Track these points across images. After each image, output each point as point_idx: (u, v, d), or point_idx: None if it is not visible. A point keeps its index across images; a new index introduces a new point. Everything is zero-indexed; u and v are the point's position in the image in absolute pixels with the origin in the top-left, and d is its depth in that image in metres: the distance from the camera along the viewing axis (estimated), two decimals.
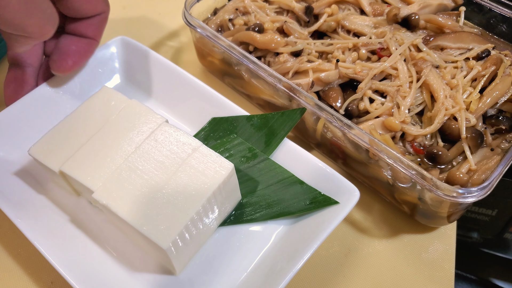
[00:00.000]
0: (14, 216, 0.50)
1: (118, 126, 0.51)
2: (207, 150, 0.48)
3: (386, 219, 0.57)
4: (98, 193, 0.46)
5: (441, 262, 0.54)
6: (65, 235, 0.51)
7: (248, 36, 0.61)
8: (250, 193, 0.53)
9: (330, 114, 0.52)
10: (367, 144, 0.50)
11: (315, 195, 0.51)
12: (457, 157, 0.53)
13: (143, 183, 0.46)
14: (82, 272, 0.48)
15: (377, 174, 0.54)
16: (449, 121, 0.53)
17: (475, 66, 0.57)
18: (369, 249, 0.55)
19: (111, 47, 0.64)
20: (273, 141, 0.55)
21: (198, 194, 0.46)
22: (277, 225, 0.52)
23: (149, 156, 0.48)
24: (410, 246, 0.55)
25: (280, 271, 0.46)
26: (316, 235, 0.47)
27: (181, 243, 0.45)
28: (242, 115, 0.57)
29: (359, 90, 0.55)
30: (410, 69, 0.56)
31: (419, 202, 0.52)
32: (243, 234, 0.52)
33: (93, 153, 0.49)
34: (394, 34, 0.60)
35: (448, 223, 0.55)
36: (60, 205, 0.54)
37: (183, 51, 0.76)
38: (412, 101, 0.55)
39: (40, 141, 0.51)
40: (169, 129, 0.50)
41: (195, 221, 0.46)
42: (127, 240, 0.51)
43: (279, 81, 0.56)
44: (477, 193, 0.46)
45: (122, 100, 0.53)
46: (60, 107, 0.60)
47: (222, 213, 0.51)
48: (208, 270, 0.50)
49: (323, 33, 0.65)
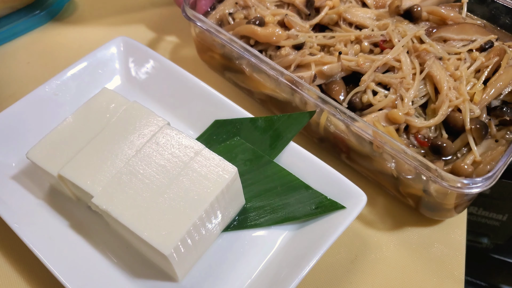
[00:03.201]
0: (12, 221, 0.50)
1: (118, 129, 0.51)
2: (210, 153, 0.48)
3: (390, 213, 0.58)
4: (98, 198, 0.46)
5: (449, 259, 0.54)
6: (64, 241, 0.51)
7: (249, 29, 0.62)
8: (254, 198, 0.53)
9: (334, 107, 0.53)
10: (371, 137, 0.51)
11: (321, 199, 0.52)
12: (461, 149, 0.54)
13: (144, 188, 0.46)
14: (81, 278, 0.48)
15: (381, 167, 0.55)
16: (453, 112, 0.54)
17: (479, 57, 0.58)
18: (376, 254, 0.55)
19: (111, 47, 0.64)
20: (278, 144, 0.56)
21: (200, 198, 0.46)
22: (282, 230, 0.52)
23: (151, 160, 0.48)
24: (416, 241, 0.56)
25: (285, 278, 0.46)
26: (322, 241, 0.47)
27: (183, 249, 0.45)
28: (246, 117, 0.57)
29: (362, 83, 0.57)
30: (413, 61, 0.57)
31: (424, 195, 0.53)
32: (247, 240, 0.52)
33: (92, 157, 0.49)
34: (396, 26, 0.61)
35: (454, 215, 0.56)
36: (59, 210, 0.54)
37: (182, 47, 0.77)
38: (416, 93, 0.56)
39: (38, 144, 0.51)
40: (171, 131, 0.50)
41: (197, 227, 0.46)
42: (128, 246, 0.51)
43: (281, 74, 0.57)
44: (482, 183, 0.47)
45: (123, 102, 0.53)
46: (59, 109, 0.60)
47: (226, 218, 0.51)
48: (211, 276, 0.50)
49: (325, 26, 0.66)
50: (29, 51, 0.77)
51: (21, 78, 0.73)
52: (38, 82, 0.70)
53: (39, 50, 0.77)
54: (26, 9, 0.80)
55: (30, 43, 0.78)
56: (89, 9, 0.84)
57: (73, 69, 0.62)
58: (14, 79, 0.73)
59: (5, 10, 0.78)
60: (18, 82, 0.72)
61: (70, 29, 0.80)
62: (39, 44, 0.78)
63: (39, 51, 0.77)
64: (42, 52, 0.76)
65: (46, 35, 0.79)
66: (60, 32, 0.79)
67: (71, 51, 0.76)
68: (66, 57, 0.75)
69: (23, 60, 0.75)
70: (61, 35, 0.79)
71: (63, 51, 0.76)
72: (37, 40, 0.78)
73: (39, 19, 0.80)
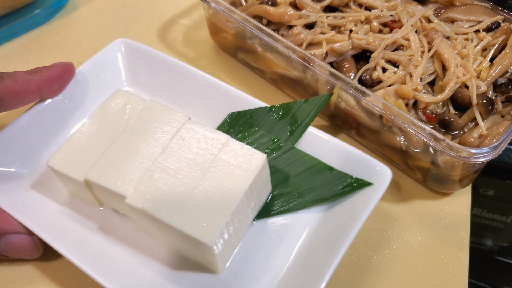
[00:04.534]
0: (40, 231, 0.49)
1: (139, 129, 0.51)
2: (237, 143, 0.49)
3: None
4: (132, 198, 0.46)
5: (452, 261, 0.55)
6: (95, 246, 0.51)
7: (261, 9, 0.64)
8: (280, 184, 0.54)
9: (345, 83, 0.56)
10: (381, 110, 0.54)
11: (346, 179, 0.53)
12: (468, 124, 0.57)
13: (178, 183, 0.47)
14: (123, 282, 0.48)
15: (391, 141, 0.58)
16: (460, 89, 0.57)
17: (485, 37, 0.60)
18: (379, 256, 0.55)
19: (111, 50, 0.64)
20: (297, 130, 0.57)
21: (235, 187, 0.46)
22: (311, 213, 0.53)
23: (179, 155, 0.49)
24: (419, 243, 0.56)
25: (325, 257, 0.46)
26: (355, 218, 0.48)
27: (223, 239, 0.46)
28: (262, 107, 0.58)
29: (372, 60, 0.59)
30: (422, 39, 0.60)
31: (432, 167, 0.55)
32: (278, 226, 0.52)
33: (118, 159, 0.49)
34: (405, 7, 0.64)
35: (461, 188, 0.58)
36: (82, 217, 0.54)
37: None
38: (424, 70, 0.58)
39: (58, 152, 0.50)
40: (194, 126, 0.51)
41: (234, 216, 0.46)
42: (161, 245, 0.51)
43: (294, 52, 0.59)
44: (489, 152, 0.49)
45: (139, 101, 0.53)
46: (67, 116, 0.60)
47: (257, 206, 0.52)
48: (249, 265, 0.50)
49: (335, 8, 0.68)
50: (28, 51, 0.77)
51: None
52: None
53: (38, 50, 0.77)
54: (25, 9, 0.79)
55: (29, 43, 0.78)
56: (89, 9, 0.84)
57: (76, 75, 0.61)
58: None
59: (4, 10, 0.77)
60: None
61: (70, 29, 0.80)
62: (38, 44, 0.78)
63: (38, 51, 0.77)
64: (41, 52, 0.77)
65: (45, 35, 0.79)
66: (60, 32, 0.80)
67: (71, 51, 0.77)
68: (65, 57, 0.74)
69: (22, 60, 0.75)
70: (60, 35, 0.79)
71: (62, 51, 0.77)
72: (36, 40, 0.78)
73: (38, 18, 0.79)
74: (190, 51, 0.76)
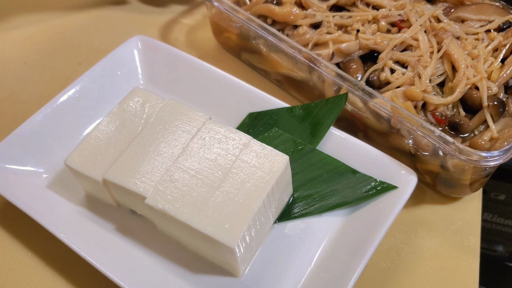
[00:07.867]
0: (58, 232, 0.49)
1: (159, 128, 0.51)
2: (258, 144, 0.49)
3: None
4: (152, 198, 0.46)
5: (462, 267, 0.55)
6: (113, 247, 0.51)
7: (266, 8, 0.64)
8: (301, 187, 0.54)
9: (352, 84, 0.56)
10: (389, 112, 0.54)
11: (370, 182, 0.52)
12: (479, 127, 0.57)
13: (199, 183, 0.47)
14: (140, 283, 0.48)
15: (399, 145, 0.58)
16: (471, 90, 0.57)
17: (496, 37, 0.60)
18: (387, 263, 0.55)
19: (128, 47, 0.64)
20: (319, 131, 0.57)
21: (258, 189, 0.46)
22: (333, 216, 0.53)
23: (200, 156, 0.49)
24: (429, 248, 0.55)
25: (349, 263, 0.46)
26: (379, 222, 0.48)
27: (245, 241, 0.46)
28: (282, 107, 0.58)
29: (380, 60, 0.59)
30: (431, 39, 0.60)
31: (442, 171, 0.55)
32: (299, 229, 0.52)
33: (137, 158, 0.49)
34: (414, 6, 0.64)
35: (471, 192, 0.58)
36: (99, 217, 0.54)
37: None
38: (433, 71, 0.58)
39: (75, 151, 0.51)
40: (215, 126, 0.51)
41: (256, 218, 0.46)
42: (180, 247, 0.51)
43: (299, 52, 0.59)
44: (499, 155, 0.49)
45: (158, 100, 0.53)
46: (82, 114, 0.60)
47: (278, 208, 0.52)
48: (270, 268, 0.50)
49: (342, 7, 0.68)
50: (27, 51, 0.77)
51: (18, 79, 0.73)
52: (36, 83, 0.72)
53: (37, 50, 0.77)
54: None
55: (28, 43, 0.78)
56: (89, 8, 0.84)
57: (92, 72, 0.62)
58: (10, 80, 0.73)
59: None
60: (14, 83, 0.72)
61: (69, 29, 0.81)
62: (37, 44, 0.78)
63: (37, 51, 0.77)
64: (40, 52, 0.77)
65: (44, 35, 0.80)
66: (59, 32, 0.80)
67: (70, 51, 0.77)
68: (64, 57, 0.76)
69: (20, 61, 0.76)
70: (59, 35, 0.80)
71: (61, 51, 0.77)
72: (35, 40, 0.79)
73: None
74: (192, 51, 0.77)
